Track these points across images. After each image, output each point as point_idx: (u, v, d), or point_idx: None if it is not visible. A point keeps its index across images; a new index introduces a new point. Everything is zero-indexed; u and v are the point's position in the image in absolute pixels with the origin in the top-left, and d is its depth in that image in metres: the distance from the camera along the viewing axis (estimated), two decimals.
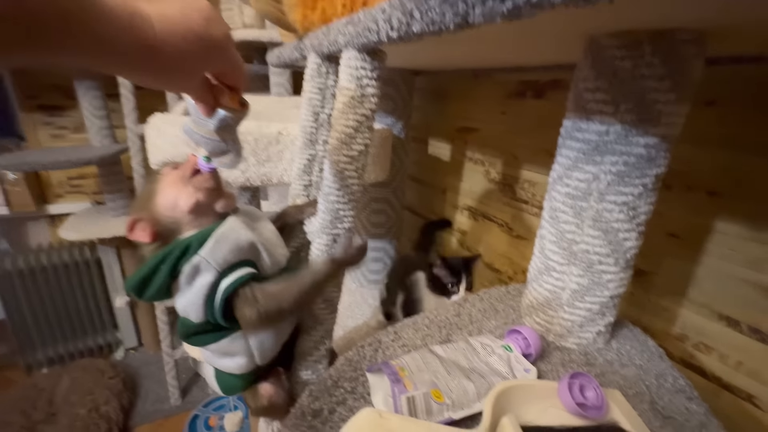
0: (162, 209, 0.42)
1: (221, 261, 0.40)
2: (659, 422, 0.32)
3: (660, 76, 0.30)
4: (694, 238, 0.58)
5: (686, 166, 0.58)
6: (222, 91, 0.35)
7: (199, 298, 0.40)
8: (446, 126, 1.11)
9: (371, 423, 0.25)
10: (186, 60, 0.26)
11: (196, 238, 0.41)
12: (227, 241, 0.41)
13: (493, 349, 0.37)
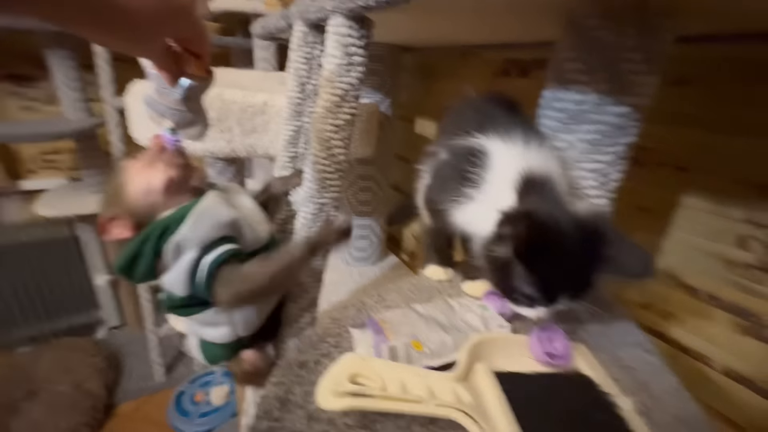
0: (135, 197, 0.41)
1: (203, 237, 0.40)
2: (618, 370, 0.35)
3: (632, 47, 0.32)
4: (663, 211, 0.62)
5: (658, 143, 0.61)
6: (187, 59, 0.34)
7: (183, 274, 0.40)
8: (433, 104, 1.12)
9: (354, 364, 0.26)
10: (149, 19, 0.26)
11: (174, 217, 0.40)
12: (207, 218, 0.41)
13: (471, 308, 0.39)
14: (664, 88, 0.57)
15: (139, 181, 0.41)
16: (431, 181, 0.42)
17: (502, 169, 0.33)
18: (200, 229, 0.40)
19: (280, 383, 0.31)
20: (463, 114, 0.43)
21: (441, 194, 0.39)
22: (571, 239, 0.29)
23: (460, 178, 0.35)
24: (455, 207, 0.36)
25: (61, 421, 1.26)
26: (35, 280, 1.50)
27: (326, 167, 0.50)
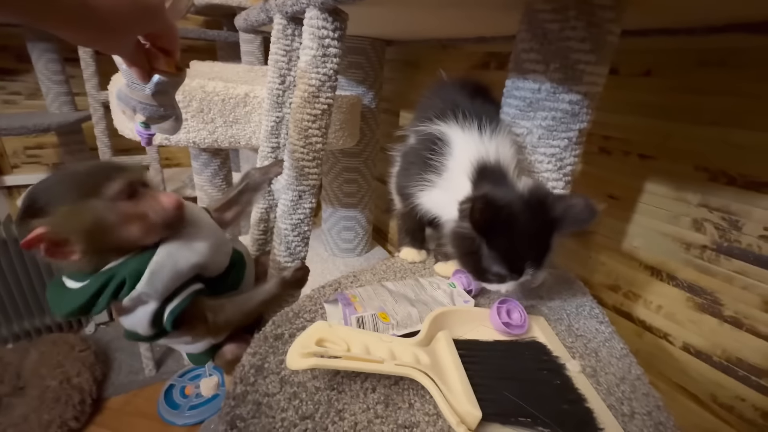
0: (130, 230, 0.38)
1: (161, 291, 0.39)
2: (572, 339, 0.38)
3: (582, 38, 0.34)
4: (629, 198, 0.65)
5: (624, 133, 0.64)
6: (157, 55, 0.35)
7: (145, 321, 0.40)
8: (416, 97, 1.14)
9: (321, 330, 0.29)
10: (120, 17, 0.27)
11: (129, 273, 0.38)
12: (164, 271, 0.39)
13: (440, 286, 0.42)
14: (629, 79, 0.61)
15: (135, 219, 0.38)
16: (399, 166, 0.45)
17: (460, 156, 0.36)
18: (158, 282, 0.39)
19: (256, 353, 0.33)
20: (432, 99, 0.45)
21: (407, 179, 0.41)
22: (523, 213, 0.32)
23: (424, 164, 0.38)
24: (420, 191, 0.39)
25: (49, 415, 1.26)
26: (20, 276, 1.49)
27: (304, 155, 0.52)
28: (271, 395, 0.29)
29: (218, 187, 0.90)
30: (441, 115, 0.38)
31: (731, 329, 0.55)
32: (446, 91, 0.45)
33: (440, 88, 0.46)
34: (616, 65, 0.60)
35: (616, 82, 0.60)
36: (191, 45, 1.71)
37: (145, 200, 0.39)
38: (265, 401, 0.29)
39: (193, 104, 0.60)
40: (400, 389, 0.31)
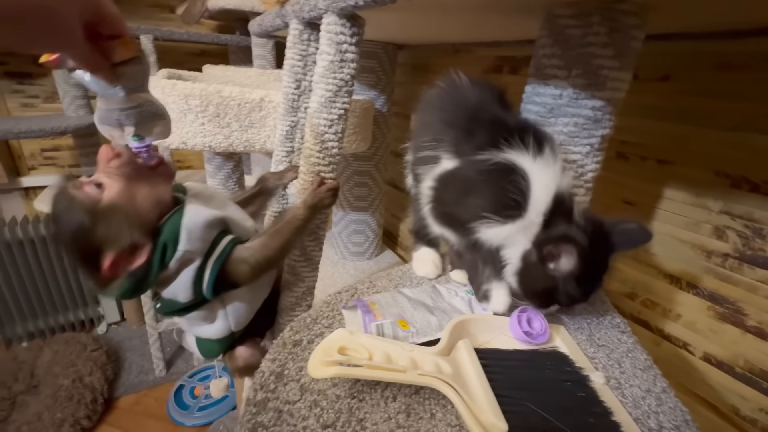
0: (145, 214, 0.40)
1: (201, 245, 0.42)
2: (594, 349, 0.37)
3: (604, 43, 0.34)
4: (646, 204, 0.64)
5: (642, 138, 0.63)
6: (110, 46, 0.33)
7: (188, 282, 0.42)
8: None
9: (343, 338, 0.29)
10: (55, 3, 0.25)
11: (168, 236, 0.40)
12: (198, 226, 0.42)
13: (457, 293, 0.42)
14: (647, 83, 0.60)
15: (146, 197, 0.39)
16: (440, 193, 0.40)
17: (538, 191, 0.33)
18: (196, 238, 0.41)
19: (276, 359, 0.33)
20: (459, 110, 0.41)
21: (462, 211, 0.37)
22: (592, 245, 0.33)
23: (492, 198, 0.35)
24: (486, 227, 0.35)
25: (62, 413, 1.28)
26: (36, 276, 1.52)
27: (320, 160, 0.52)
28: (292, 403, 0.29)
29: (231, 191, 0.91)
30: (498, 140, 0.35)
31: (754, 340, 0.54)
32: (474, 101, 0.41)
33: (464, 96, 0.43)
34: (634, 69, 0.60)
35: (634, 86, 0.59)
36: (204, 49, 1.73)
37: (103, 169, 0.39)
38: (286, 409, 0.28)
39: (209, 109, 0.60)
40: (421, 398, 0.30)
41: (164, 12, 1.62)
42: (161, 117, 0.39)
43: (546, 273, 0.34)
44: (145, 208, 0.39)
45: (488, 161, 0.34)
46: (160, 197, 0.41)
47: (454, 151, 0.39)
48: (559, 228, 0.34)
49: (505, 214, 0.34)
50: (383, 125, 1.03)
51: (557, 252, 0.33)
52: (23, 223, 1.45)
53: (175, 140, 0.61)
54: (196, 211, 0.43)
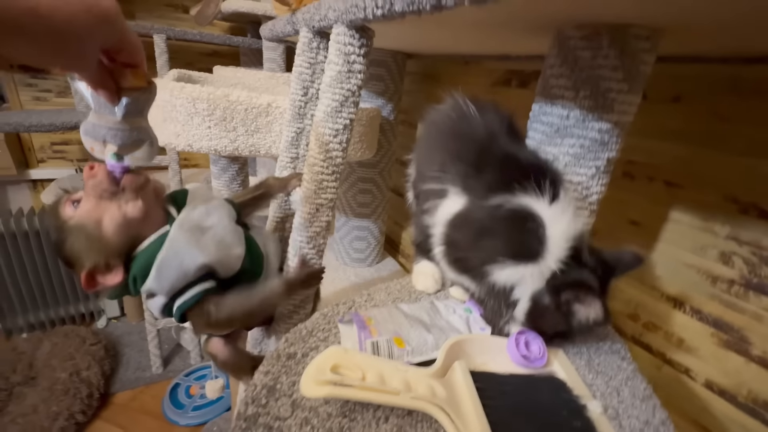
0: (115, 237, 0.39)
1: (168, 288, 0.40)
2: (592, 375, 0.36)
3: (614, 66, 0.33)
4: (652, 225, 0.63)
5: (650, 158, 0.62)
6: (122, 72, 0.33)
7: (157, 310, 0.43)
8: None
9: (337, 356, 0.28)
10: (75, 28, 0.26)
11: (138, 270, 0.40)
12: (170, 269, 0.40)
13: (455, 310, 0.41)
14: (657, 104, 0.59)
15: (113, 219, 0.38)
16: (453, 237, 0.39)
17: (554, 236, 0.33)
18: (165, 280, 0.39)
19: (268, 372, 0.33)
20: (467, 142, 0.40)
21: (474, 251, 0.37)
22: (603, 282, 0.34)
23: (506, 241, 0.34)
24: (499, 269, 0.35)
25: (57, 407, 1.28)
26: (39, 268, 1.53)
27: (324, 169, 0.52)
28: (283, 419, 0.29)
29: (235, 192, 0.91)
30: (512, 182, 0.34)
31: (759, 369, 0.53)
32: (488, 136, 0.39)
33: (469, 128, 0.41)
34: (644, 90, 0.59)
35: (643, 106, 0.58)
36: (216, 50, 1.75)
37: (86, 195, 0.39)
38: (276, 425, 0.28)
39: (216, 113, 0.60)
40: (413, 420, 0.30)
41: (178, 12, 1.64)
42: (148, 144, 0.39)
43: (559, 316, 0.34)
44: (110, 230, 0.38)
45: (502, 207, 0.34)
46: (131, 218, 0.39)
47: (462, 187, 0.38)
48: (573, 272, 0.33)
49: (520, 258, 0.34)
50: (389, 133, 1.03)
51: (576, 299, 0.33)
52: (29, 215, 1.47)
53: (181, 143, 0.61)
54: (176, 249, 0.40)
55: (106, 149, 0.36)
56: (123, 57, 0.32)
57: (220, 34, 1.66)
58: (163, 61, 1.30)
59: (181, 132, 0.61)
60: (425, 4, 0.28)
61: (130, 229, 0.39)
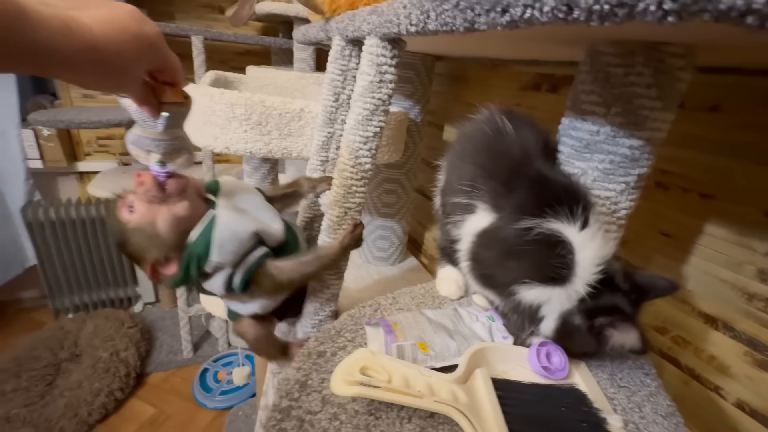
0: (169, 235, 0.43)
1: (231, 259, 0.45)
2: (614, 389, 0.37)
3: (648, 84, 0.33)
4: (685, 238, 0.61)
5: (684, 168, 0.60)
6: (163, 89, 0.36)
7: (221, 284, 0.47)
8: (461, 112, 1.13)
9: (365, 358, 0.30)
10: (125, 57, 0.28)
11: (200, 247, 0.44)
12: (229, 241, 0.45)
13: (478, 318, 0.42)
14: (694, 113, 0.58)
15: (165, 220, 0.43)
16: (480, 252, 0.39)
17: (584, 262, 0.33)
18: (227, 252, 0.45)
19: (300, 368, 0.35)
20: (501, 159, 0.40)
21: (502, 273, 0.37)
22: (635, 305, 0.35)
23: (536, 264, 0.35)
24: (527, 290, 0.35)
25: (99, 383, 1.38)
26: (84, 253, 1.65)
27: (353, 175, 0.54)
28: (314, 413, 0.31)
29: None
30: (543, 206, 0.34)
31: None
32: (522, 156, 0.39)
33: (504, 145, 0.41)
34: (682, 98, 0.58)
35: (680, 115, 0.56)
36: (248, 49, 1.80)
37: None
38: (308, 419, 0.30)
39: (253, 117, 0.64)
40: (435, 422, 0.31)
41: (214, 12, 1.70)
42: (187, 152, 0.43)
43: (590, 338, 0.35)
44: (164, 229, 0.43)
45: (532, 230, 0.34)
46: (181, 216, 0.44)
47: (492, 204, 0.38)
48: (605, 296, 0.34)
49: (548, 281, 0.34)
50: (416, 135, 1.04)
51: (611, 325, 0.34)
52: (77, 205, 1.58)
53: (219, 145, 0.65)
54: (228, 224, 0.46)
55: (150, 157, 0.41)
56: (164, 76, 0.35)
57: (253, 34, 1.71)
58: (200, 61, 1.36)
59: (219, 135, 0.64)
60: (458, 26, 0.30)
61: (180, 225, 0.44)
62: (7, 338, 1.63)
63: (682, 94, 0.35)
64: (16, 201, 1.59)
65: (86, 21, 0.25)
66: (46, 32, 0.23)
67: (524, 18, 0.23)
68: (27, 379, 1.37)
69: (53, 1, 0.25)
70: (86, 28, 0.25)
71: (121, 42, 0.27)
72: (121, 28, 0.27)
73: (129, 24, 0.28)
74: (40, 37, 0.22)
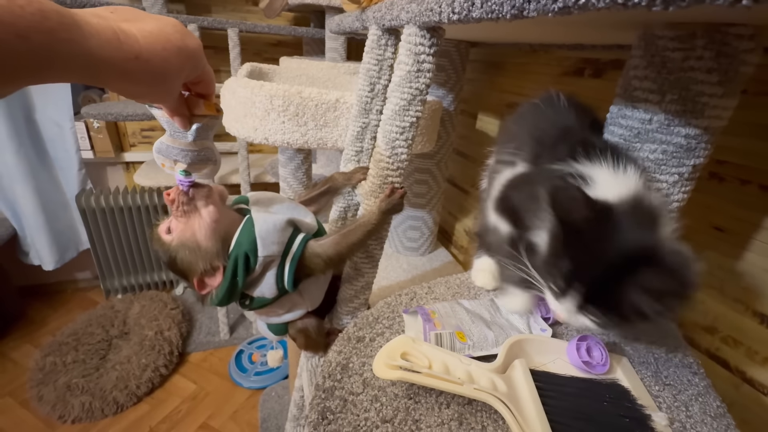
0: (210, 245, 0.45)
1: (277, 248, 0.47)
2: (659, 387, 0.36)
3: (708, 69, 0.31)
4: (740, 233, 0.58)
5: (744, 159, 0.56)
6: (196, 101, 0.37)
7: (272, 281, 0.48)
8: (496, 100, 1.11)
9: (406, 344, 0.31)
10: (169, 67, 0.29)
11: (246, 246, 0.45)
12: (270, 233, 0.47)
13: None
14: (757, 98, 0.53)
15: (201, 229, 0.44)
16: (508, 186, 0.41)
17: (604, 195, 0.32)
18: (272, 244, 0.47)
19: (341, 352, 0.37)
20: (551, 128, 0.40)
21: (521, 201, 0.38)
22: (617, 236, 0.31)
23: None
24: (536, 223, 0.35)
25: (146, 359, 1.49)
26: (132, 239, 1.76)
27: (389, 165, 0.54)
28: (356, 394, 0.32)
29: (300, 180, 0.97)
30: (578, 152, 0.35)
31: None
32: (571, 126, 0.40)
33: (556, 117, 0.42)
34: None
35: (741, 101, 0.53)
36: (281, 40, 1.83)
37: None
38: (351, 399, 0.32)
39: (290, 108, 0.65)
40: (473, 409, 0.32)
41: (248, 5, 1.74)
42: (212, 163, 0.44)
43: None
44: (203, 238, 0.45)
45: (561, 171, 0.34)
46: (217, 222, 0.45)
47: (531, 161, 0.40)
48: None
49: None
50: (448, 124, 1.02)
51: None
52: (124, 193, 1.68)
53: (259, 136, 0.67)
54: (264, 218, 0.48)
55: (176, 166, 0.42)
56: (199, 88, 0.37)
57: (286, 25, 1.73)
58: (235, 53, 1.40)
59: (259, 126, 0.67)
60: (505, 12, 0.29)
61: (216, 231, 0.46)
62: (66, 314, 1.79)
63: (747, 79, 0.33)
64: (71, 189, 1.72)
65: (134, 32, 0.26)
66: (97, 41, 0.24)
67: (579, 4, 0.22)
68: (84, 352, 1.49)
69: (104, 13, 0.26)
70: (133, 39, 0.26)
71: (165, 52, 0.28)
72: (165, 40, 0.28)
73: (173, 36, 0.29)
74: (90, 46, 0.23)
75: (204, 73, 0.35)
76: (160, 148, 0.41)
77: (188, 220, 0.45)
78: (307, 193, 0.65)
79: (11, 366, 1.52)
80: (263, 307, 0.54)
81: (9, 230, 1.67)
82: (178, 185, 0.43)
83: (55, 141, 1.64)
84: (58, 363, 1.44)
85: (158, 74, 0.29)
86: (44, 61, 0.22)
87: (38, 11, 0.20)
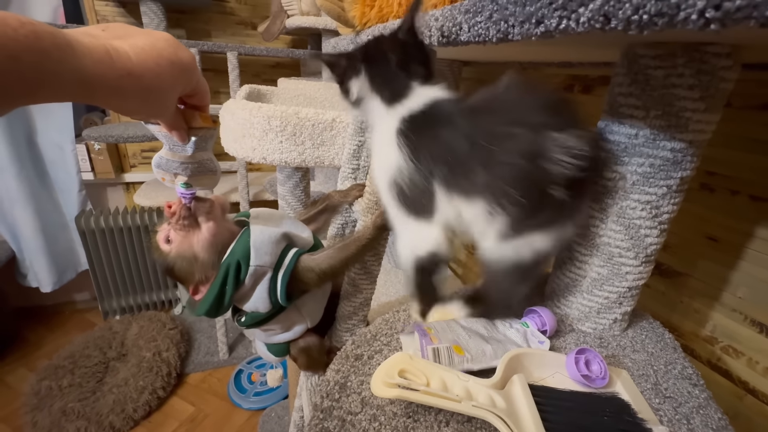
0: (206, 256, 0.46)
1: (270, 258, 0.48)
2: (659, 400, 0.36)
3: (690, 85, 0.32)
4: (733, 242, 0.58)
5: (733, 170, 0.57)
6: (192, 114, 0.37)
7: (264, 293, 0.48)
8: None
9: (403, 361, 0.31)
10: (162, 82, 0.29)
11: (240, 255, 0.46)
12: (265, 244, 0.47)
13: (512, 324, 0.42)
14: (742, 112, 0.55)
15: (200, 242, 0.46)
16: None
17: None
18: (265, 254, 0.47)
19: (339, 370, 0.37)
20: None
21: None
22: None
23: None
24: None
25: (143, 381, 1.47)
26: (131, 259, 1.76)
27: None
28: (354, 414, 0.32)
29: (298, 198, 0.98)
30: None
31: None
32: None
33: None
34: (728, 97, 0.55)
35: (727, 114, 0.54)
36: (279, 62, 1.87)
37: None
38: (349, 419, 0.32)
39: (288, 128, 0.66)
40: (472, 427, 0.32)
41: (248, 29, 1.79)
42: (212, 173, 0.44)
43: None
44: (202, 251, 0.46)
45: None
46: (212, 235, 0.46)
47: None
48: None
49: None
50: None
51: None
52: (123, 213, 1.69)
53: (257, 156, 0.68)
54: (261, 230, 0.48)
55: (177, 179, 0.43)
56: (194, 100, 0.37)
57: (284, 47, 1.78)
58: (235, 75, 1.43)
59: (257, 146, 0.68)
60: (492, 37, 0.30)
61: (214, 245, 0.47)
62: (64, 336, 1.76)
63: (728, 94, 0.34)
64: (71, 210, 1.72)
65: (126, 49, 0.27)
66: (89, 60, 0.24)
67: (560, 29, 0.24)
68: (80, 375, 1.47)
69: (95, 32, 0.27)
70: (125, 56, 0.26)
71: (157, 67, 0.28)
72: (157, 55, 0.28)
73: (165, 51, 0.29)
74: (83, 65, 0.24)
75: (198, 86, 0.35)
76: (159, 163, 0.41)
77: (187, 233, 0.45)
78: (305, 212, 0.65)
79: (5, 390, 1.49)
80: (259, 324, 0.54)
81: (8, 252, 1.67)
82: (180, 198, 0.44)
83: (56, 163, 1.65)
84: (54, 387, 1.41)
85: (152, 89, 0.29)
86: (36, 81, 0.22)
87: (31, 33, 0.21)
